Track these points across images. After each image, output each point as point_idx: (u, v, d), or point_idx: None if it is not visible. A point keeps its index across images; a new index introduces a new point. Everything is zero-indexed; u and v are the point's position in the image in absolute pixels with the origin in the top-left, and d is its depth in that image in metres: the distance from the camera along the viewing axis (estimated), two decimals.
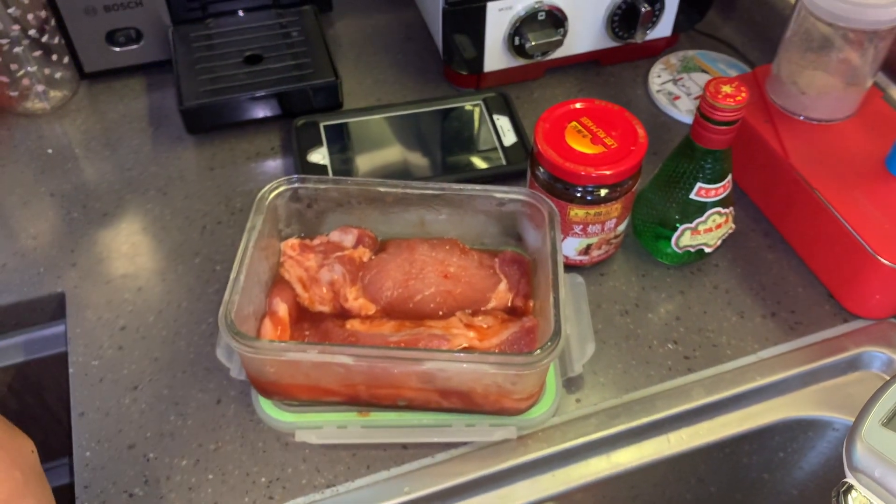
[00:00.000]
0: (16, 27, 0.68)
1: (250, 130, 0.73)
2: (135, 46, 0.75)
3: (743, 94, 0.53)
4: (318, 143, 0.70)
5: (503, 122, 0.71)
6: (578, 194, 0.56)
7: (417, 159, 0.70)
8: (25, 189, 0.68)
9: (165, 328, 0.59)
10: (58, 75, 0.73)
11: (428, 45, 0.81)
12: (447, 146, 0.71)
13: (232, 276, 0.50)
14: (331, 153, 0.69)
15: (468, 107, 0.73)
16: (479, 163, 0.69)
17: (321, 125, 0.71)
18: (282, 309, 0.54)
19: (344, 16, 0.84)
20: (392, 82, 0.78)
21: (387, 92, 0.77)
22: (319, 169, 0.68)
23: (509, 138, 0.70)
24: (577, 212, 0.57)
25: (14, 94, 0.72)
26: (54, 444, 0.77)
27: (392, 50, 0.81)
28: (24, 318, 0.63)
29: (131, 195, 0.68)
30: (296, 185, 0.57)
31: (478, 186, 0.57)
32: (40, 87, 0.73)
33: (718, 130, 0.54)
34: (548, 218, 0.54)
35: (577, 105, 0.58)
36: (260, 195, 0.55)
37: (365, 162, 0.69)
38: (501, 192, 0.56)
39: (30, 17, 0.68)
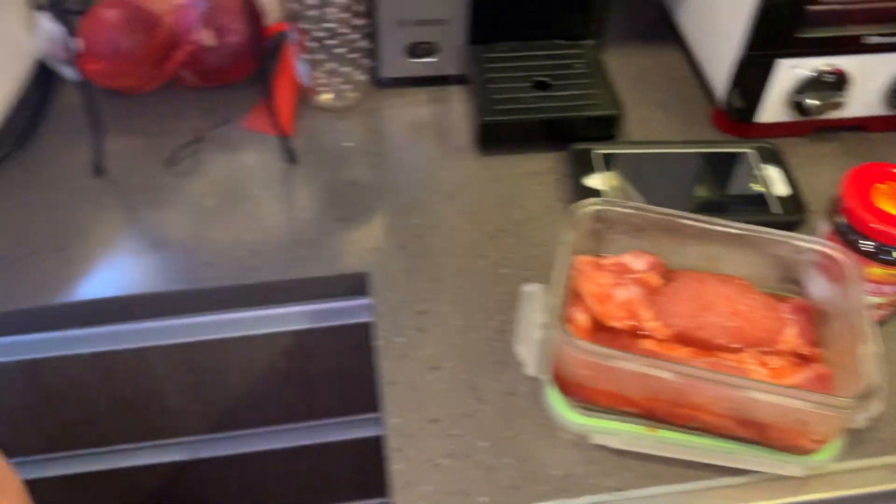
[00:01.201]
0: (345, 30, 0.75)
1: (526, 149, 0.78)
2: (429, 59, 0.82)
3: None
4: (592, 169, 0.74)
5: (772, 173, 0.74)
6: (880, 253, 0.58)
7: (685, 198, 0.73)
8: (328, 175, 0.76)
9: (460, 318, 0.64)
10: (359, 77, 0.81)
11: (692, 89, 0.85)
12: (714, 188, 0.74)
13: (555, 282, 0.55)
14: (605, 180, 0.73)
15: (738, 153, 0.76)
16: (746, 209, 0.72)
17: (597, 152, 0.75)
18: (582, 318, 0.59)
19: (611, 54, 0.89)
20: (657, 120, 0.82)
21: (652, 129, 0.81)
22: (594, 193, 0.72)
23: (780, 189, 0.73)
24: (875, 270, 0.59)
25: (322, 90, 0.80)
26: (297, 406, 0.85)
27: (657, 89, 0.85)
28: (327, 291, 0.70)
29: (422, 195, 0.74)
30: (603, 206, 0.61)
31: (779, 232, 0.60)
32: (344, 87, 0.80)
33: None
34: (854, 273, 0.56)
35: (894, 170, 0.60)
36: (573, 212, 0.60)
37: (634, 192, 0.73)
38: (802, 241, 0.59)
39: (355, 22, 0.76)
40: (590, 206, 0.61)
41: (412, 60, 0.82)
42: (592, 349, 0.51)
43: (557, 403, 0.58)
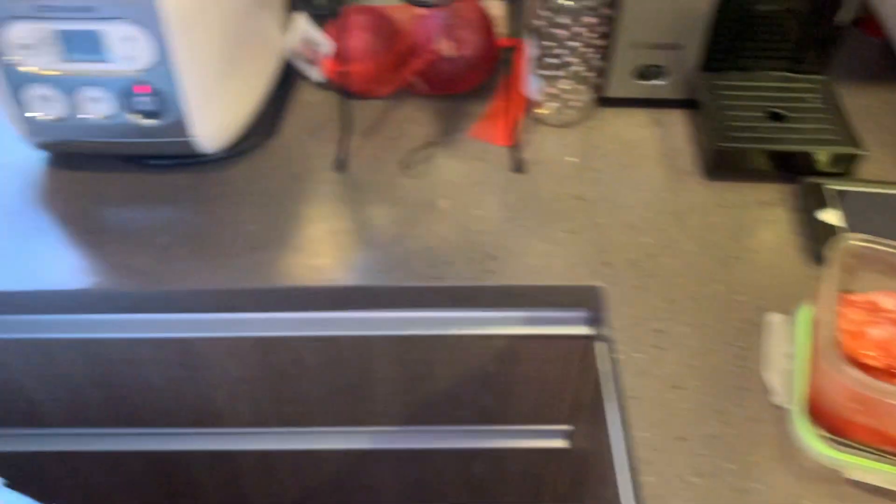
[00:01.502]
0: (586, 49, 0.78)
1: (753, 178, 0.78)
2: (656, 82, 0.83)
3: None
4: (824, 204, 0.74)
5: None
6: None
7: None
8: (553, 187, 0.78)
9: (697, 340, 0.65)
10: (586, 95, 0.83)
11: None
12: None
13: (826, 318, 0.55)
14: (837, 215, 0.73)
15: None
16: None
17: (830, 187, 0.75)
18: None
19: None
20: (884, 160, 0.81)
21: (879, 169, 0.79)
22: (829, 228, 0.72)
23: None
24: None
25: (547, 104, 0.83)
26: (491, 409, 0.87)
27: (882, 128, 0.84)
28: (555, 301, 0.71)
29: (650, 215, 0.75)
30: (864, 243, 0.61)
31: None
32: (572, 103, 0.83)
33: None
34: None
35: None
36: (837, 247, 0.60)
37: (878, 234, 0.72)
38: None
39: (596, 42, 0.78)
40: (851, 241, 0.61)
41: (639, 82, 0.83)
42: (875, 385, 0.51)
43: (807, 434, 0.58)
